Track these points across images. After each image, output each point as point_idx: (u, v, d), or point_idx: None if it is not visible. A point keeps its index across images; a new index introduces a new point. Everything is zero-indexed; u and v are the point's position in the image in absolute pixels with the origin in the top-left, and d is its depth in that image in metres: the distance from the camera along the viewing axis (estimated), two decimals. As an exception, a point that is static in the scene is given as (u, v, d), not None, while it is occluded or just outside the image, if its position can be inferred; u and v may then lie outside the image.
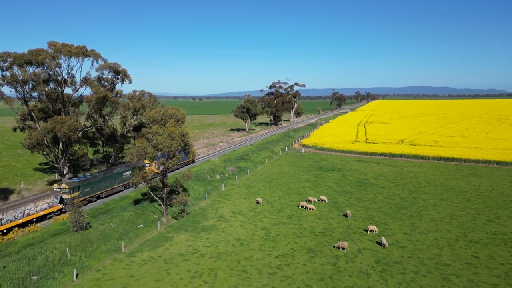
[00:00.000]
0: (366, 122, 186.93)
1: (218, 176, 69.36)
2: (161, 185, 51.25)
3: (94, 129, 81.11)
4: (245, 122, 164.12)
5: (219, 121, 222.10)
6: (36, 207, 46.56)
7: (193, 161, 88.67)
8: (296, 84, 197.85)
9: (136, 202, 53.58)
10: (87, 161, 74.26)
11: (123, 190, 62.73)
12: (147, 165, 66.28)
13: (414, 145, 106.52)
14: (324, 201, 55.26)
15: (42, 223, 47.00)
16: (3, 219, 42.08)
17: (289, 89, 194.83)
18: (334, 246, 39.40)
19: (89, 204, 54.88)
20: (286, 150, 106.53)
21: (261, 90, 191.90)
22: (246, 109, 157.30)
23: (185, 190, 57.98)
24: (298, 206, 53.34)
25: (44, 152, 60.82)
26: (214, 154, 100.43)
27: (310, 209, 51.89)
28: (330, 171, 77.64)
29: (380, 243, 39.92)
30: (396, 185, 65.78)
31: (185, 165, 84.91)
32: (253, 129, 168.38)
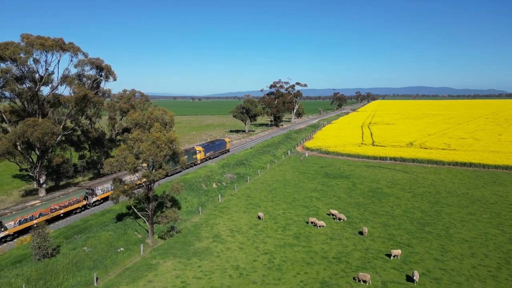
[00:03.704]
0: (370, 123, 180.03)
1: (214, 185, 62.33)
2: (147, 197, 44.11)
3: (79, 132, 74.13)
4: (245, 123, 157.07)
5: (218, 122, 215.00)
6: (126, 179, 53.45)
7: (228, 151, 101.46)
8: (297, 83, 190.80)
9: (120, 217, 46.51)
10: (70, 167, 67.16)
11: (181, 171, 74.39)
12: (197, 151, 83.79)
13: (425, 149, 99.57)
14: (341, 219, 47.99)
15: (4, 245, 40.07)
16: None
17: (290, 89, 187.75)
18: (354, 278, 32.41)
19: (65, 221, 47.91)
20: (289, 153, 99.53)
21: (261, 90, 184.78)
22: (246, 110, 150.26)
23: (176, 202, 51.03)
24: (307, 223, 46.29)
25: (16, 160, 53.67)
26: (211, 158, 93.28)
27: (320, 226, 44.88)
28: (338, 178, 70.62)
29: (411, 278, 32.73)
30: (414, 195, 58.77)
31: (223, 153, 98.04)
32: (253, 131, 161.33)
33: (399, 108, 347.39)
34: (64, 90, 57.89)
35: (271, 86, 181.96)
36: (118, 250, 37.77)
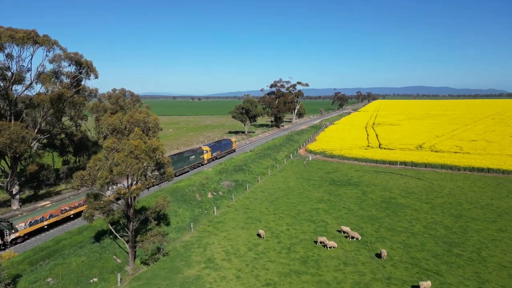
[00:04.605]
0: (374, 124, 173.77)
1: (210, 195, 55.99)
2: (129, 210, 37.76)
3: (63, 135, 68.02)
4: (244, 124, 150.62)
5: (216, 122, 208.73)
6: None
7: (234, 150, 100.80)
8: (299, 83, 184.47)
9: (98, 236, 40.21)
10: (51, 174, 60.90)
11: (189, 171, 74.92)
12: (204, 151, 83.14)
13: (436, 152, 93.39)
14: (355, 238, 41.58)
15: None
16: None
17: (291, 88, 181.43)
18: (377, 323, 26.18)
19: (33, 240, 41.73)
20: (291, 157, 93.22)
21: (261, 90, 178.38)
22: (245, 110, 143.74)
23: (164, 217, 44.76)
24: (315, 243, 39.99)
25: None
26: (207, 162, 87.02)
27: (330, 247, 38.61)
28: (346, 186, 64.34)
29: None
30: (432, 207, 52.51)
31: (229, 153, 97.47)
32: (253, 132, 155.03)
33: (401, 108, 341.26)
34: (41, 89, 51.45)
35: (271, 86, 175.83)
36: (91, 280, 31.45)
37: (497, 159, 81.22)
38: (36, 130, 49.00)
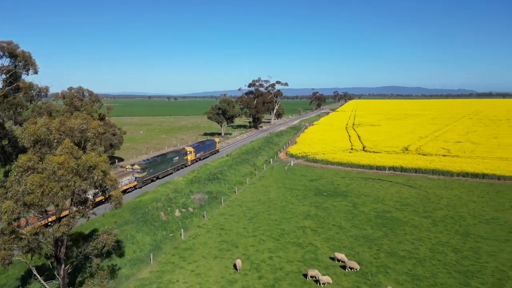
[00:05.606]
0: (354, 125, 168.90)
1: (177, 212, 47.57)
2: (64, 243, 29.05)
3: (6, 142, 57.90)
4: (221, 126, 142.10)
5: (192, 123, 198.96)
6: (121, 182, 54.06)
7: (218, 151, 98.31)
8: (278, 82, 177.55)
9: (27, 278, 31.29)
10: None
11: (172, 173, 73.03)
12: (188, 152, 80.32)
13: (424, 155, 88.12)
14: (353, 268, 34.17)
15: None
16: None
17: (270, 88, 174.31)
18: None
19: None
20: (271, 162, 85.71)
21: (239, 89, 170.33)
22: (222, 111, 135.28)
23: (118, 246, 36.11)
24: (305, 277, 32.49)
25: None
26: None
27: (324, 283, 31.18)
28: (333, 196, 57.36)
29: None
30: (434, 222, 46.11)
31: (213, 154, 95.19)
32: (230, 134, 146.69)
33: (378, 107, 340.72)
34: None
35: (250, 85, 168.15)
36: None
37: (490, 163, 76.44)
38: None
